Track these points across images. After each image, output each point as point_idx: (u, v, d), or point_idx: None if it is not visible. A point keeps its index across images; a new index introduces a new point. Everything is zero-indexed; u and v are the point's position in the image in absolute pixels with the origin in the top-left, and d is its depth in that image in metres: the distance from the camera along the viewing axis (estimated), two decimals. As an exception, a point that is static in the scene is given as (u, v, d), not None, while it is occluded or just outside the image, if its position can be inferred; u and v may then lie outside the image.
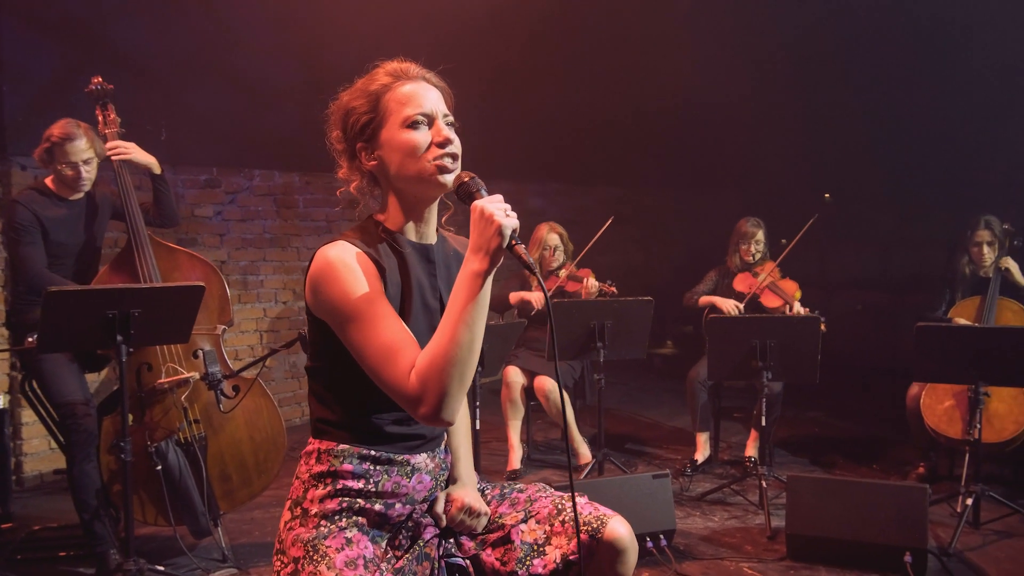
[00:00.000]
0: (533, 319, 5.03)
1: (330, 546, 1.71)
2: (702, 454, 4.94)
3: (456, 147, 1.74)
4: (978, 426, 3.91)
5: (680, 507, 4.32)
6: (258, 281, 6.01)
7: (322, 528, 1.73)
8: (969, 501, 3.91)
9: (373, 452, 1.76)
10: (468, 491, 1.89)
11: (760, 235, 5.15)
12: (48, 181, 3.68)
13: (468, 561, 1.86)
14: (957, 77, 7.10)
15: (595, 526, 1.81)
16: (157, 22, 5.35)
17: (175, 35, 5.38)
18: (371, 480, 1.76)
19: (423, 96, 1.75)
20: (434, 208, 1.82)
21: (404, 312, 1.75)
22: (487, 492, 1.99)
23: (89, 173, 3.65)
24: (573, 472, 4.84)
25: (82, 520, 3.50)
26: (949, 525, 3.90)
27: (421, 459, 1.83)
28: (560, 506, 1.87)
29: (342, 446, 1.76)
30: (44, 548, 3.87)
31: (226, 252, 5.82)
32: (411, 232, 1.82)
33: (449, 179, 1.71)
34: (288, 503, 1.80)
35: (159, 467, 3.51)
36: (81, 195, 3.72)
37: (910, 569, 3.37)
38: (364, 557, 1.72)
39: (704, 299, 5.12)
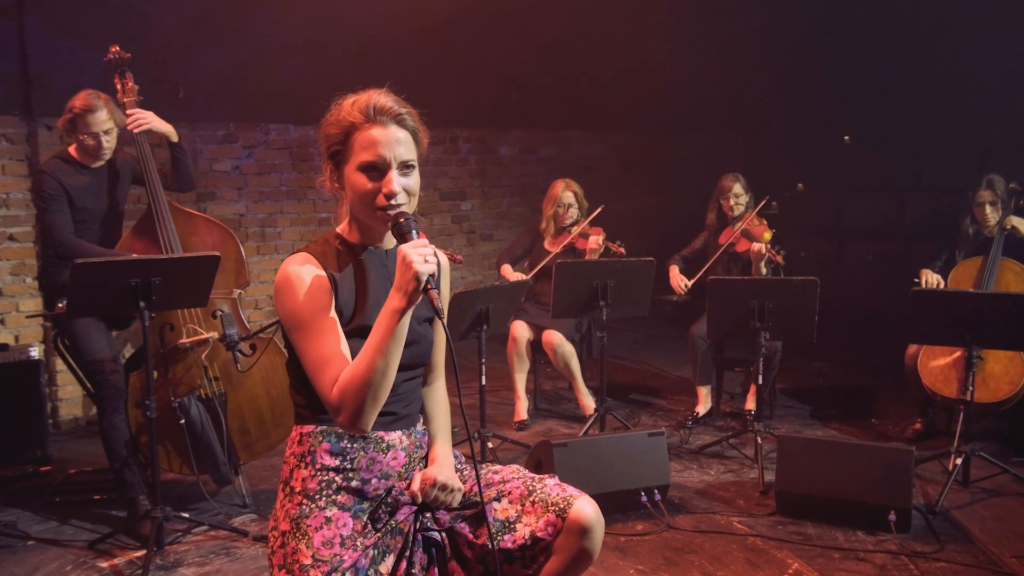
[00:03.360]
0: (541, 274, 5.16)
1: (310, 525, 1.90)
2: (703, 407, 5.11)
3: (402, 198, 1.88)
4: (971, 388, 4.01)
5: (678, 460, 4.51)
6: (276, 233, 6.18)
7: (303, 507, 1.92)
8: (959, 460, 4.04)
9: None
10: (442, 469, 2.06)
11: (738, 188, 5.19)
12: (71, 150, 3.83)
13: (443, 534, 2.04)
14: (978, 20, 7.00)
15: (562, 506, 1.97)
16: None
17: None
18: (347, 457, 1.96)
19: (383, 144, 1.87)
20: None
21: (359, 312, 1.94)
22: (465, 472, 2.16)
23: (110, 142, 3.80)
24: (577, 423, 5.03)
25: (112, 468, 3.75)
26: (939, 483, 4.04)
27: (395, 436, 2.01)
28: (531, 487, 2.04)
29: (319, 428, 1.96)
30: (80, 491, 4.14)
31: (244, 205, 5.98)
32: (368, 241, 2.00)
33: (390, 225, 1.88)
34: (280, 484, 2.00)
35: (182, 421, 3.74)
36: (103, 163, 3.87)
37: (894, 527, 3.54)
38: (341, 535, 1.91)
39: (670, 270, 5.25)
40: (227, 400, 3.89)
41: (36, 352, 4.61)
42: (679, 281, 5.14)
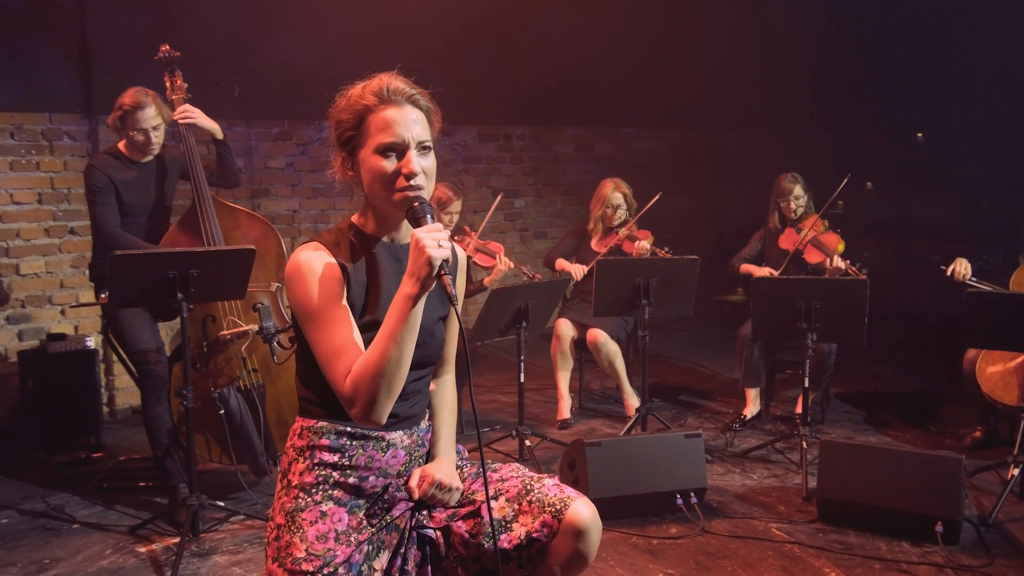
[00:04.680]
0: (587, 274, 5.10)
1: (305, 519, 1.88)
2: (751, 410, 4.99)
3: (422, 179, 1.83)
4: (1032, 394, 3.83)
5: (721, 463, 4.41)
6: (328, 229, 6.26)
7: (300, 500, 1.90)
8: (1016, 471, 3.85)
9: (348, 428, 1.92)
10: (442, 467, 2.02)
11: (798, 190, 5.04)
12: (121, 145, 3.95)
13: (439, 532, 2.01)
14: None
15: (558, 507, 1.92)
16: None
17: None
18: (346, 454, 1.92)
19: (400, 123, 1.83)
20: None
21: (370, 307, 1.89)
22: (464, 470, 2.12)
23: (157, 138, 3.90)
24: (622, 423, 4.96)
25: (155, 456, 3.85)
26: (995, 494, 3.85)
27: (396, 435, 1.97)
28: (529, 487, 1.99)
29: (321, 423, 1.93)
30: (127, 478, 4.27)
31: (297, 202, 6.08)
32: (383, 233, 1.94)
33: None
34: (279, 475, 2.00)
35: (221, 411, 3.82)
36: (151, 158, 3.98)
37: (940, 539, 3.38)
38: (336, 531, 1.88)
39: (743, 267, 5.12)
40: (265, 392, 3.95)
41: (92, 342, 4.78)
42: (764, 273, 4.98)
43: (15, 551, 3.51)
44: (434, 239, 1.70)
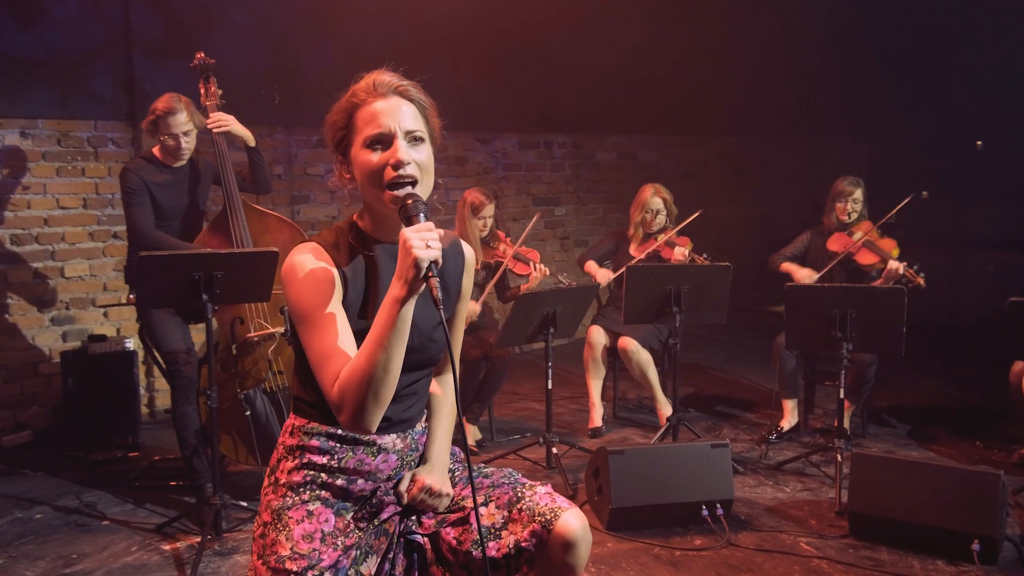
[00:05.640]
0: (618, 279, 5.05)
1: (292, 517, 1.85)
2: (788, 421, 4.86)
3: (412, 169, 1.76)
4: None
5: (753, 475, 4.30)
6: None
7: (287, 499, 1.87)
8: (1064, 488, 3.69)
9: (340, 432, 1.88)
10: (433, 472, 1.97)
11: (858, 194, 4.92)
12: (155, 150, 4.03)
13: (427, 539, 1.96)
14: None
15: (548, 517, 1.86)
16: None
17: (287, 3, 5.67)
18: (335, 456, 1.88)
19: (386, 114, 1.78)
20: None
21: (368, 309, 1.84)
22: (456, 475, 2.06)
23: (189, 143, 3.97)
24: (655, 433, 4.88)
25: (183, 456, 3.91)
26: (1043, 512, 3.70)
27: (389, 439, 1.92)
28: (520, 494, 1.93)
29: (312, 424, 1.89)
30: (159, 477, 4.34)
31: (336, 208, 6.15)
32: (383, 235, 1.88)
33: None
34: (267, 471, 1.97)
35: (248, 412, 3.86)
36: (184, 163, 4.05)
37: (977, 557, 3.24)
38: (322, 531, 1.84)
39: (784, 265, 5.00)
40: (291, 394, 3.97)
41: (132, 344, 4.88)
42: (803, 274, 4.88)
43: (45, 545, 3.59)
44: (422, 239, 1.63)
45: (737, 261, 5.34)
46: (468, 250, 2.07)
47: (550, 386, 4.37)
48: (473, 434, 4.79)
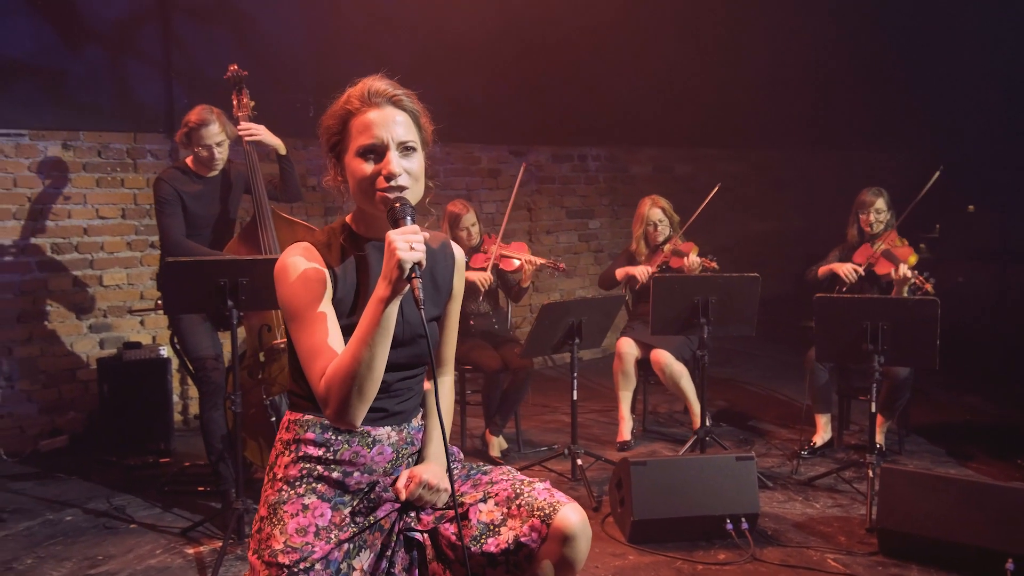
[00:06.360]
0: (641, 295, 5.01)
1: (286, 511, 1.88)
2: (821, 437, 4.76)
3: (404, 179, 1.82)
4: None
5: (783, 490, 4.22)
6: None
7: (282, 494, 1.90)
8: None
9: None
10: (430, 468, 1.98)
11: (880, 204, 4.81)
12: (188, 160, 4.11)
13: (426, 535, 1.97)
14: None
15: (547, 512, 1.87)
16: (307, 6, 5.76)
17: (322, 18, 5.77)
18: (331, 448, 1.91)
19: (380, 124, 1.83)
20: None
21: (358, 307, 1.88)
22: (455, 473, 2.07)
23: (221, 154, 4.05)
24: (675, 446, 4.82)
25: (209, 461, 3.96)
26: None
27: (383, 431, 1.95)
28: (519, 490, 1.94)
29: (307, 416, 1.94)
30: (188, 482, 4.40)
31: (369, 220, 6.20)
32: (374, 234, 1.93)
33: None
34: (266, 469, 2.00)
35: (273, 419, 3.89)
36: (216, 172, 4.13)
37: (1011, 577, 3.14)
38: (317, 525, 1.87)
39: (823, 269, 4.91)
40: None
41: (166, 351, 4.97)
42: (847, 268, 4.77)
43: (73, 547, 3.65)
44: (407, 241, 1.69)
45: (775, 275, 5.26)
46: (459, 251, 2.12)
47: (575, 397, 4.35)
48: (499, 445, 4.78)
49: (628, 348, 4.95)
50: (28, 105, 4.90)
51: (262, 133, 4.16)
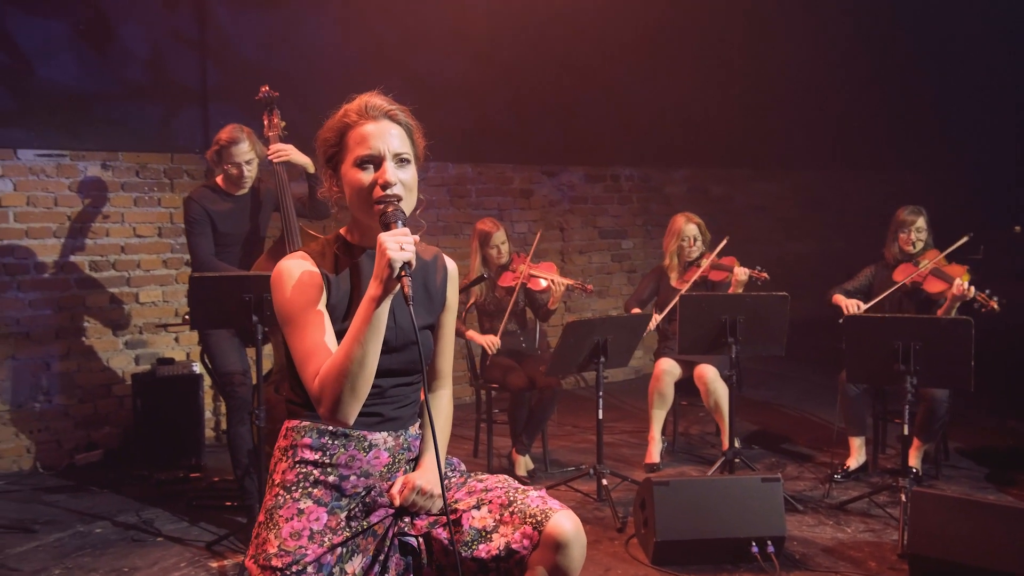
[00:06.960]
0: (673, 314, 4.96)
1: (282, 516, 1.91)
2: (855, 460, 4.65)
3: (399, 189, 1.88)
4: None
5: (814, 514, 4.13)
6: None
7: (279, 499, 1.94)
8: None
9: (330, 428, 1.96)
10: (425, 474, 2.02)
11: (920, 222, 4.71)
12: (218, 179, 4.19)
13: (420, 539, 1.99)
14: None
15: (539, 518, 1.88)
16: (338, 26, 5.86)
17: (355, 37, 5.86)
18: (327, 452, 1.95)
19: (376, 136, 1.90)
20: None
21: (351, 310, 1.94)
22: (452, 479, 2.10)
23: (251, 172, 4.12)
24: (704, 468, 4.74)
25: (235, 475, 4.00)
26: None
27: (380, 436, 1.99)
28: (512, 497, 1.95)
29: (303, 422, 1.98)
30: (216, 496, 4.44)
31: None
32: (368, 243, 1.99)
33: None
34: (267, 477, 2.03)
35: (298, 435, 3.92)
36: (246, 191, 4.20)
37: (1048, 606, 3.02)
38: (311, 529, 1.90)
39: (835, 298, 4.81)
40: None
41: (198, 368, 5.04)
42: (849, 304, 4.70)
43: (100, 559, 3.71)
44: (397, 242, 1.75)
45: (812, 296, 5.16)
46: (451, 264, 2.17)
47: (600, 416, 4.31)
48: (525, 464, 4.75)
49: (668, 367, 4.86)
50: (69, 127, 5.05)
51: (290, 152, 4.23)
